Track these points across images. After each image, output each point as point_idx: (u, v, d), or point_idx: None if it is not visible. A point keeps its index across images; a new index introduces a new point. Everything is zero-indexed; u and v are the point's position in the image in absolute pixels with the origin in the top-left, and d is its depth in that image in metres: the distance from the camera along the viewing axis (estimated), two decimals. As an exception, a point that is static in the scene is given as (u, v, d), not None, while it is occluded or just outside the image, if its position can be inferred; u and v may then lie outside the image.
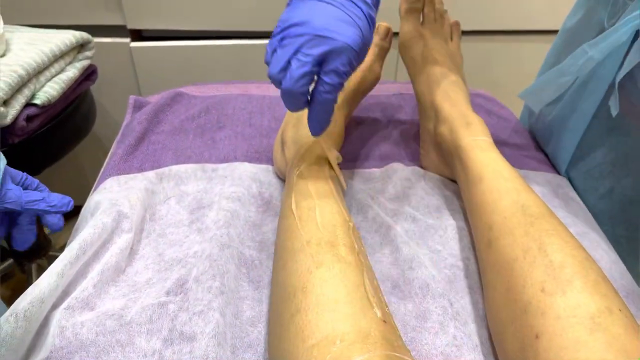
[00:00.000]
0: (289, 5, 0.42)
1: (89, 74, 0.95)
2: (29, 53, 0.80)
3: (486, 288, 0.43)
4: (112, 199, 0.51)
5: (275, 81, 0.41)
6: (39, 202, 0.44)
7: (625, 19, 0.49)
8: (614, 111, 0.51)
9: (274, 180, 0.58)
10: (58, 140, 0.90)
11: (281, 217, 0.45)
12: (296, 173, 0.48)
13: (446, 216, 0.53)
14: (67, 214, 0.48)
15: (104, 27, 1.03)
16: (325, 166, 0.48)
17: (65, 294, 0.42)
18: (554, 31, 1.04)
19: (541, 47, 1.06)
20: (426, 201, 0.55)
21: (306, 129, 0.53)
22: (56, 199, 0.46)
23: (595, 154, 0.59)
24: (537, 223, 0.42)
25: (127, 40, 1.05)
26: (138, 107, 0.71)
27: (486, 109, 0.73)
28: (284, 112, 0.71)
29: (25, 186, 0.46)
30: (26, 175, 0.46)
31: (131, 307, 0.41)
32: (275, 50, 0.41)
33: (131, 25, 1.02)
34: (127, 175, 0.57)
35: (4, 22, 0.83)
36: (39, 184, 0.47)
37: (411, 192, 0.56)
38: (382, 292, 0.40)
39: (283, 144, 0.55)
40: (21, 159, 0.80)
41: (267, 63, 0.42)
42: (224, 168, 0.58)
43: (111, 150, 0.64)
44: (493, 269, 0.42)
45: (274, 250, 0.48)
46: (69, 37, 0.88)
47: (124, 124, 0.69)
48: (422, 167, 0.61)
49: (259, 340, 0.40)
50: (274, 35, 0.41)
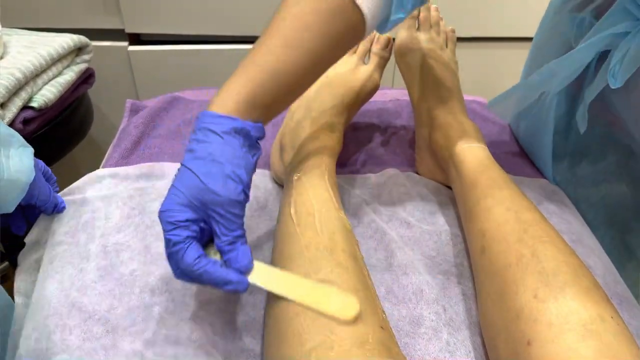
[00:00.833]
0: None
1: (86, 78, 0.95)
2: (26, 56, 0.80)
3: (479, 294, 0.43)
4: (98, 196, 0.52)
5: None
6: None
7: (589, 41, 0.48)
8: (582, 128, 0.51)
9: (269, 185, 0.58)
10: (55, 143, 0.90)
11: (280, 221, 0.45)
12: (295, 178, 0.48)
13: (441, 222, 0.53)
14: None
15: (102, 30, 1.03)
16: (325, 172, 0.48)
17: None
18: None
19: (537, 55, 1.06)
20: (421, 207, 0.55)
21: (306, 134, 0.53)
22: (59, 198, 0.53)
23: (584, 163, 0.59)
24: (530, 230, 0.42)
25: (125, 44, 1.05)
26: (135, 111, 0.71)
27: (481, 115, 0.73)
28: (281, 116, 0.71)
29: (47, 178, 0.51)
30: (44, 165, 0.50)
31: (117, 307, 0.42)
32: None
33: (129, 29, 1.03)
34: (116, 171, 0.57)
35: (2, 25, 0.83)
36: (51, 174, 0.52)
37: (406, 197, 0.56)
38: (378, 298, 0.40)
39: (282, 148, 0.56)
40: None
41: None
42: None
43: (107, 153, 0.64)
44: (486, 275, 0.42)
45: (271, 254, 0.48)
46: (67, 40, 0.88)
47: (121, 127, 0.69)
48: (418, 173, 0.61)
49: (253, 344, 0.40)
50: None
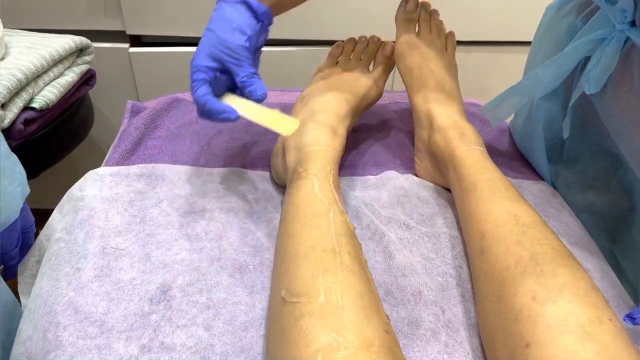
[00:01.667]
0: None
1: (87, 79, 0.96)
2: (28, 57, 0.81)
3: (478, 296, 0.43)
4: (97, 196, 0.52)
5: None
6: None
7: (572, 46, 0.48)
8: (565, 133, 0.51)
9: (269, 187, 0.58)
10: (55, 144, 0.90)
11: (285, 221, 0.45)
12: (299, 179, 0.48)
13: (439, 224, 0.53)
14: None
15: (103, 32, 1.04)
16: (329, 174, 0.49)
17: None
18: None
19: (537, 58, 1.07)
20: (420, 209, 0.55)
21: (309, 136, 0.54)
22: None
23: (575, 169, 0.59)
24: (529, 232, 0.42)
25: (126, 45, 1.05)
26: (135, 112, 0.71)
27: (481, 118, 0.74)
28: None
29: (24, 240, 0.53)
30: (31, 228, 0.54)
31: (113, 311, 0.42)
32: None
33: (130, 31, 1.03)
34: (117, 169, 0.58)
35: (3, 26, 0.83)
36: (30, 237, 0.54)
37: (405, 200, 0.56)
38: None
39: (284, 150, 0.56)
40: (18, 162, 0.80)
41: None
42: (218, 173, 0.59)
43: (107, 154, 0.64)
44: (485, 277, 0.42)
45: (274, 255, 0.48)
46: (68, 41, 0.88)
47: (121, 128, 0.69)
48: (417, 176, 0.61)
49: (252, 344, 0.41)
50: None
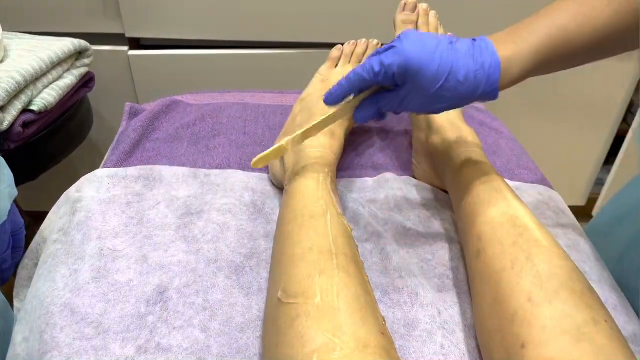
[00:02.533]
0: None
1: (86, 82, 0.96)
2: (27, 60, 0.81)
3: (474, 297, 0.43)
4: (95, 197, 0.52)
5: None
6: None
7: None
8: None
9: (266, 189, 0.58)
10: (54, 146, 0.90)
11: (282, 222, 0.45)
12: (298, 181, 0.48)
13: (437, 226, 0.53)
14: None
15: (102, 35, 1.04)
16: (327, 176, 0.49)
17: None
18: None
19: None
20: (417, 211, 0.55)
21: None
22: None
23: None
24: (525, 234, 0.42)
25: (125, 48, 1.06)
26: (134, 114, 0.71)
27: (479, 120, 0.74)
28: (279, 120, 0.71)
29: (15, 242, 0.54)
30: (21, 230, 0.54)
31: (110, 312, 0.42)
32: None
33: (129, 34, 1.03)
34: (115, 171, 0.58)
35: (3, 29, 0.83)
36: (21, 239, 0.55)
37: (403, 201, 0.56)
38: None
39: None
40: (17, 164, 0.80)
41: None
42: (216, 175, 0.59)
43: (106, 156, 0.64)
44: (482, 278, 0.42)
45: (270, 256, 0.48)
46: (67, 44, 0.88)
47: (120, 131, 0.69)
48: (414, 177, 0.62)
49: (248, 345, 0.41)
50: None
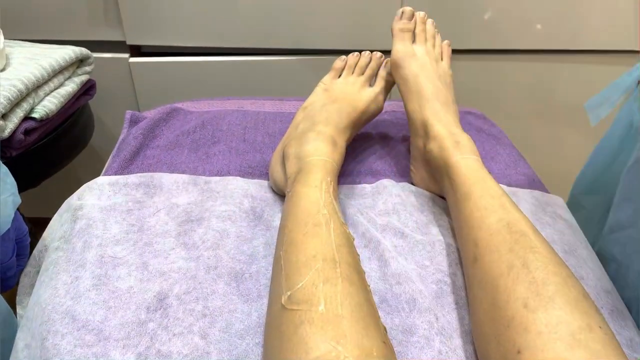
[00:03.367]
0: None
1: (87, 89, 0.97)
2: (28, 67, 0.82)
3: (471, 303, 0.44)
4: (96, 205, 0.53)
5: None
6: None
7: None
8: None
9: (266, 195, 0.59)
10: (56, 153, 0.90)
11: (285, 229, 0.45)
12: (300, 188, 0.48)
13: (434, 232, 0.54)
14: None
15: (104, 42, 1.05)
16: (330, 185, 0.49)
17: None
18: (543, 50, 1.06)
19: (531, 66, 1.08)
20: (415, 217, 0.55)
21: (310, 145, 0.54)
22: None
23: None
24: (521, 240, 0.42)
25: (126, 55, 1.06)
26: (134, 121, 0.72)
27: (476, 126, 0.74)
28: (278, 127, 0.72)
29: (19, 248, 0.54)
30: (24, 235, 0.55)
31: (111, 319, 0.43)
32: None
33: (130, 41, 1.04)
34: (116, 179, 0.58)
35: (4, 37, 0.84)
36: (26, 246, 0.56)
37: (401, 208, 0.56)
38: None
39: (285, 158, 0.56)
40: (19, 172, 0.81)
41: None
42: (216, 182, 0.59)
43: (106, 164, 0.65)
44: (478, 284, 0.43)
45: (270, 263, 0.49)
46: (68, 52, 0.89)
47: (120, 138, 0.70)
48: (412, 184, 0.62)
49: (247, 352, 0.41)
50: None
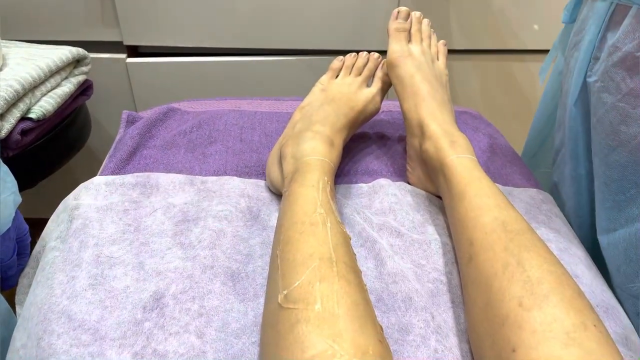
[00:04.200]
0: None
1: (84, 89, 0.97)
2: (25, 68, 0.82)
3: (466, 302, 0.44)
4: (91, 205, 0.53)
5: None
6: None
7: None
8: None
9: (262, 195, 0.59)
10: (52, 153, 0.90)
11: (282, 228, 0.45)
12: (297, 188, 0.49)
13: (431, 231, 0.54)
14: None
15: (100, 43, 1.05)
16: (327, 184, 0.49)
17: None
18: (539, 50, 1.06)
19: (528, 66, 1.08)
20: (411, 216, 0.56)
21: (307, 145, 0.54)
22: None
23: None
24: (516, 239, 0.43)
25: (123, 56, 1.06)
26: (131, 122, 0.72)
27: (472, 126, 0.74)
28: (275, 127, 0.72)
29: (20, 248, 0.54)
30: (25, 234, 0.54)
31: (107, 318, 0.43)
32: None
33: (127, 42, 1.04)
34: (112, 179, 0.58)
35: (1, 38, 0.84)
36: (27, 245, 0.55)
37: (397, 207, 0.57)
38: None
39: (282, 158, 0.56)
40: (16, 172, 0.81)
41: None
42: (213, 181, 0.59)
43: (103, 163, 0.65)
44: (473, 283, 0.43)
45: (267, 262, 0.49)
46: (65, 52, 0.89)
47: (117, 138, 0.70)
48: (409, 183, 0.62)
49: (243, 351, 0.41)
50: None
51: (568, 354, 0.33)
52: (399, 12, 0.66)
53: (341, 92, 0.63)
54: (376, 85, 0.66)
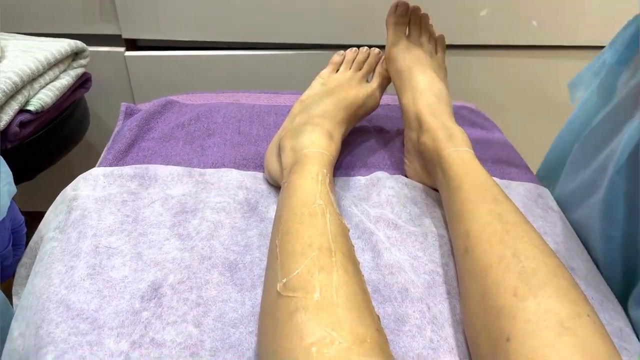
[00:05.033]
0: None
1: (83, 82, 0.97)
2: (23, 60, 0.82)
3: (462, 294, 0.44)
4: (90, 195, 0.53)
5: None
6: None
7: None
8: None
9: (260, 187, 0.59)
10: (51, 146, 0.91)
11: (281, 219, 0.46)
12: (296, 179, 0.49)
13: (427, 224, 0.54)
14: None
15: (99, 36, 1.05)
16: (326, 176, 0.50)
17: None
18: (537, 46, 1.07)
19: (526, 62, 1.08)
20: (408, 209, 0.56)
21: (306, 138, 0.55)
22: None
23: None
24: (512, 231, 0.43)
25: (122, 49, 1.06)
26: (129, 114, 0.72)
27: (470, 120, 0.75)
28: (273, 120, 0.72)
29: (15, 238, 0.54)
30: (21, 225, 0.55)
31: (105, 308, 0.43)
32: None
33: (126, 35, 1.04)
34: (111, 170, 0.59)
35: (0, 30, 0.84)
36: (23, 236, 0.56)
37: (394, 200, 0.57)
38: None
39: (281, 150, 0.57)
40: (14, 164, 0.81)
41: None
42: (211, 173, 0.60)
43: (102, 156, 0.65)
44: (469, 275, 0.43)
45: (264, 253, 0.49)
46: (63, 45, 0.89)
47: (115, 130, 0.70)
48: (406, 176, 0.62)
49: (240, 341, 0.41)
50: None
51: (562, 342, 0.34)
52: (397, 6, 0.66)
53: (341, 86, 0.64)
54: (376, 80, 0.67)
